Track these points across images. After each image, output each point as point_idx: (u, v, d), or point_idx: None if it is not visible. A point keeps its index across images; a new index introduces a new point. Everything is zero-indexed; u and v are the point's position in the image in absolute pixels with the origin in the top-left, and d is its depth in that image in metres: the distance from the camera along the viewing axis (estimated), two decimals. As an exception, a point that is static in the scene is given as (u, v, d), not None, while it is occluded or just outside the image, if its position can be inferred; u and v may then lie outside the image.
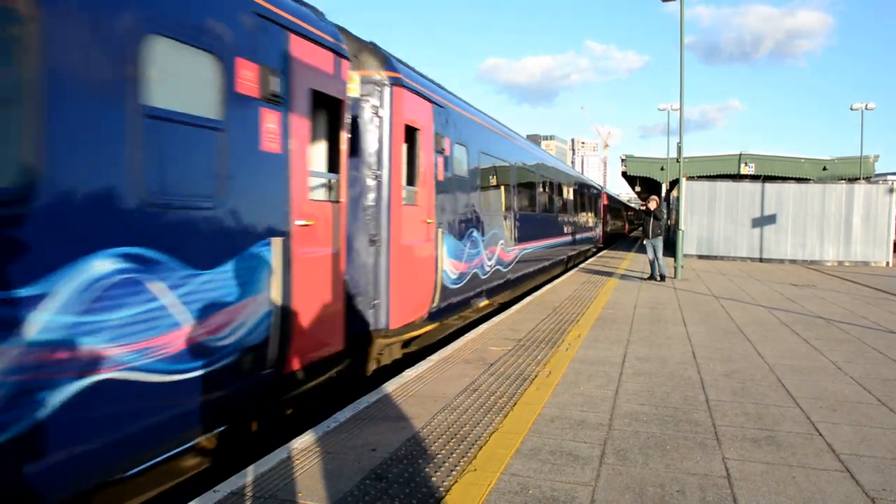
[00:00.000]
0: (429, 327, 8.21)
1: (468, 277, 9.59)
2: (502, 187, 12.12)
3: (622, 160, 38.07)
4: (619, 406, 5.24)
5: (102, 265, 3.22)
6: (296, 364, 5.14)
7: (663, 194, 36.03)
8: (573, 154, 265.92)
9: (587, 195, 26.22)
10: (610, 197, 40.65)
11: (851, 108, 35.14)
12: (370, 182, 6.79)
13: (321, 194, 5.75)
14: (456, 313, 9.35)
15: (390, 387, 5.70)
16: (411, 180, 7.59)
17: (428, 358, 6.90)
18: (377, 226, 6.82)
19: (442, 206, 8.43)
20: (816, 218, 23.91)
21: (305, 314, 5.18)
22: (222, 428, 4.33)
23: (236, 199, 4.30)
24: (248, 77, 4.41)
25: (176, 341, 3.73)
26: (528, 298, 12.06)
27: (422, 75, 8.26)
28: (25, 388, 2.86)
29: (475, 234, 9.98)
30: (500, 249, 11.55)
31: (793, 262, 23.96)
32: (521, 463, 3.99)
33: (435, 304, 8.22)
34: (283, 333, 4.83)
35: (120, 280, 3.33)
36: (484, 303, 10.83)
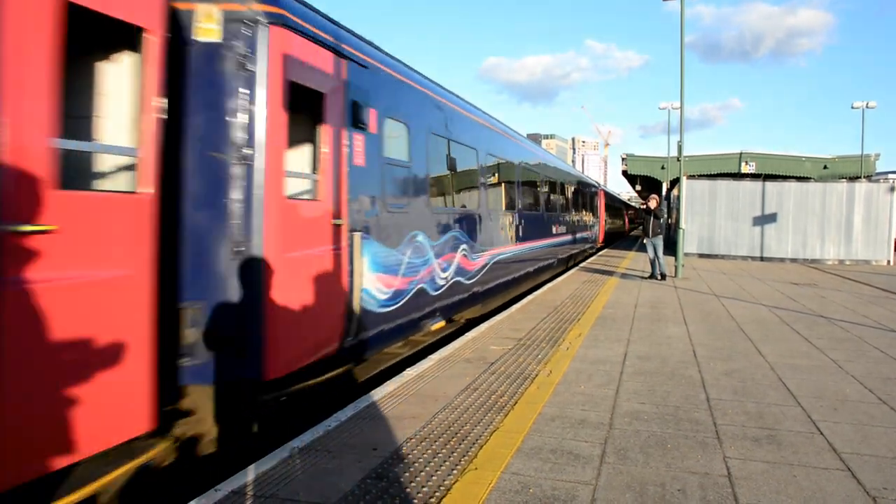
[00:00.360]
0: (337, 370, 5.98)
1: (409, 295, 7.37)
2: (467, 179, 10.15)
3: (622, 159, 38.08)
4: (619, 405, 5.24)
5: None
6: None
7: (664, 193, 36.01)
8: (573, 153, 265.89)
9: (582, 193, 24.42)
10: (608, 195, 39.72)
11: (852, 107, 35.11)
12: (235, 168, 4.70)
13: (106, 183, 4.26)
14: (390, 343, 7.26)
15: (391, 386, 5.70)
16: (305, 165, 6.05)
17: (428, 357, 6.90)
18: (245, 231, 4.73)
19: (362, 203, 6.27)
20: (817, 217, 23.90)
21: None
22: None
23: None
24: None
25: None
26: (529, 297, 12.05)
27: (333, 21, 6.05)
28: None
29: (420, 238, 7.76)
30: (462, 256, 9.39)
31: (793, 261, 23.96)
32: (522, 462, 3.99)
33: (351, 337, 6.01)
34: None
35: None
36: (438, 324, 8.78)
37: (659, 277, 15.55)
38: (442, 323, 8.98)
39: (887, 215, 23.44)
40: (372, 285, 6.44)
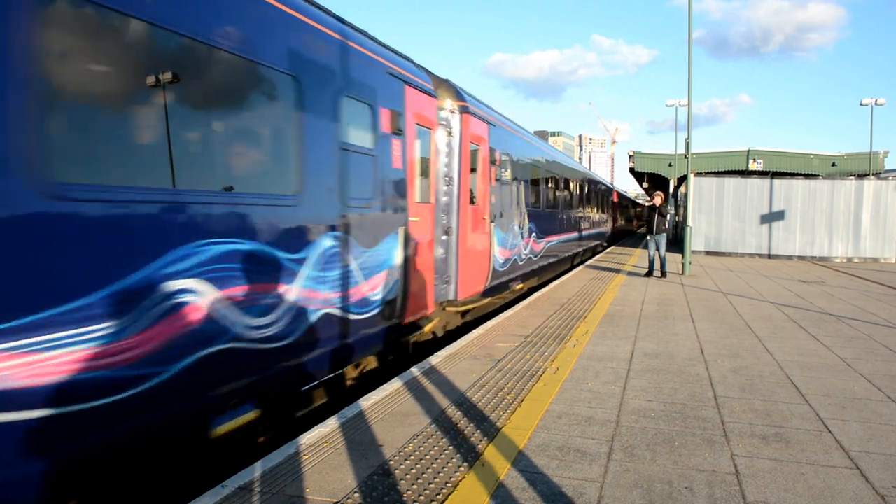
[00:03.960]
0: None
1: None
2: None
3: (630, 156, 37.91)
4: (626, 402, 5.23)
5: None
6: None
7: (671, 190, 35.89)
8: (580, 150, 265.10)
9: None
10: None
11: (861, 104, 34.89)
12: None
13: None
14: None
15: (398, 383, 5.71)
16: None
17: (435, 354, 6.90)
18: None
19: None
20: (825, 214, 23.76)
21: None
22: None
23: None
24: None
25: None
26: (537, 294, 12.04)
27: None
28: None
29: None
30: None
31: (801, 258, 23.84)
32: (529, 459, 3.99)
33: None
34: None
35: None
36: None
37: (660, 275, 15.50)
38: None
39: (896, 213, 23.29)
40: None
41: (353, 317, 5.94)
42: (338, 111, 5.65)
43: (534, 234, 13.63)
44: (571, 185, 19.52)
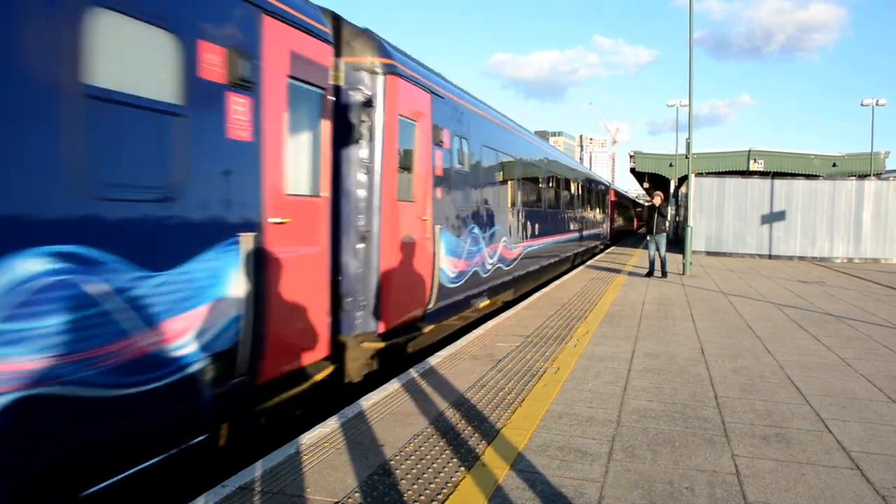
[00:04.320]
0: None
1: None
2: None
3: (630, 156, 37.95)
4: (627, 402, 5.23)
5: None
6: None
7: (671, 190, 35.90)
8: (581, 150, 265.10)
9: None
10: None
11: (862, 104, 34.89)
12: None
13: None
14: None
15: (398, 383, 5.71)
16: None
17: (436, 354, 6.90)
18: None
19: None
20: (826, 214, 23.76)
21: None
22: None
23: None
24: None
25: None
26: (537, 294, 12.03)
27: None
28: None
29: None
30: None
31: (802, 258, 23.84)
32: (530, 459, 3.99)
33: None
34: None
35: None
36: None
37: (659, 274, 15.50)
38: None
39: (897, 213, 23.29)
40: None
41: (111, 393, 3.38)
42: (73, 31, 3.18)
43: (504, 239, 11.21)
44: (559, 181, 17.21)
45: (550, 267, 16.24)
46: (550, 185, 15.87)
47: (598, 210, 26.78)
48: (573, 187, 19.85)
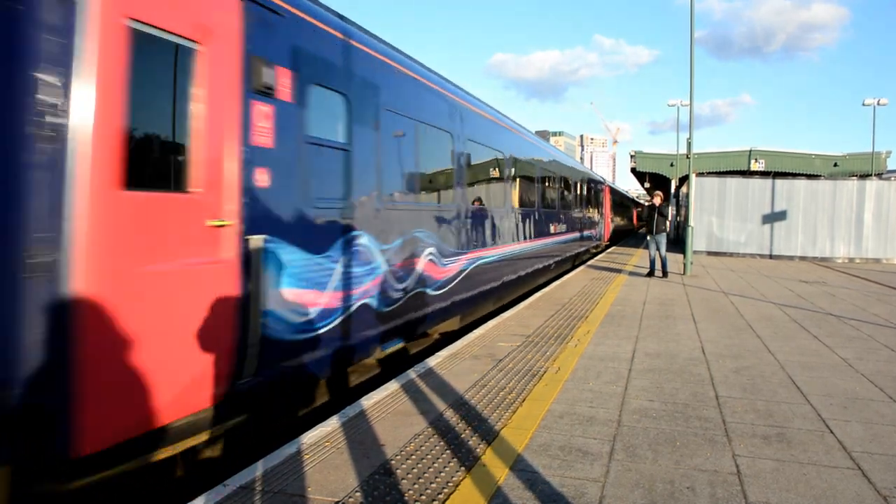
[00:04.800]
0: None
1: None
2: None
3: (631, 156, 37.88)
4: (628, 402, 5.23)
5: None
6: None
7: (672, 190, 35.87)
8: (582, 150, 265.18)
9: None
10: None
11: (863, 104, 34.85)
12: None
13: None
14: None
15: (398, 383, 5.71)
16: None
17: (436, 354, 6.90)
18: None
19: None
20: (827, 215, 23.72)
21: None
22: None
23: None
24: None
25: None
26: (538, 294, 12.03)
27: None
28: None
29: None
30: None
31: (803, 258, 23.81)
32: (531, 458, 3.99)
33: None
34: None
35: None
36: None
37: (660, 274, 15.49)
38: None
39: (898, 213, 23.26)
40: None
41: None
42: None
43: (431, 251, 7.65)
44: (531, 171, 13.37)
45: (522, 280, 12.63)
46: (513, 173, 11.92)
47: (592, 209, 23.91)
48: (555, 181, 16.36)
